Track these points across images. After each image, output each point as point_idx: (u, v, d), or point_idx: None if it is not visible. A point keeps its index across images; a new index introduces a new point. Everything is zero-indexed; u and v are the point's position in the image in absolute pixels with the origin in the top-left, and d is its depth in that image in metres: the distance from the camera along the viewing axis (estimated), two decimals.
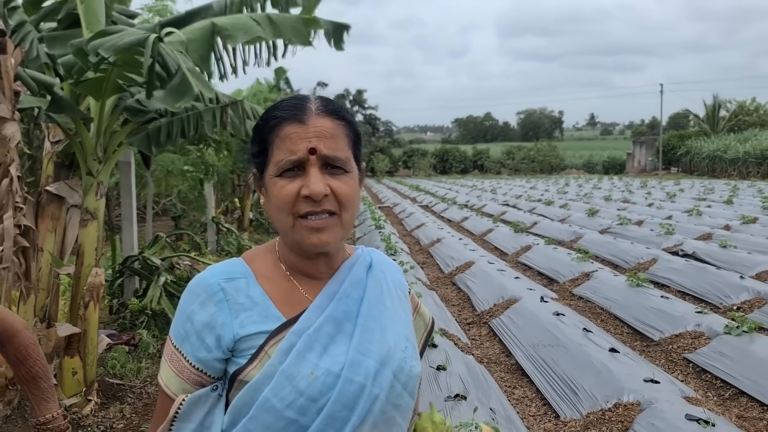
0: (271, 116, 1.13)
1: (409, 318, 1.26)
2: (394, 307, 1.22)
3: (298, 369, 1.07)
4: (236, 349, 1.11)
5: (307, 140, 1.09)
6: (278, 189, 1.10)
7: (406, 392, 1.15)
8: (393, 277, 1.27)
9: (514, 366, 5.05)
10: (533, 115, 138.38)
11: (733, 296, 6.44)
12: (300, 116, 1.10)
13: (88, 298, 3.84)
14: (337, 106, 1.16)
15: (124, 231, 6.30)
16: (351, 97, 62.11)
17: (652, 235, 10.58)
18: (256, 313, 1.12)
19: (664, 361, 5.01)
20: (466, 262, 8.69)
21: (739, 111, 45.45)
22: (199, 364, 1.11)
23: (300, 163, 1.09)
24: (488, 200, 20.74)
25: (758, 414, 3.99)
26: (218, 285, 1.13)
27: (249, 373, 1.09)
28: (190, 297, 1.14)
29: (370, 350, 1.12)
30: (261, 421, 1.07)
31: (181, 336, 1.13)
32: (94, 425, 3.76)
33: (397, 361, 1.14)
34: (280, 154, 1.10)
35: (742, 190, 22.68)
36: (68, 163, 4.29)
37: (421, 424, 1.20)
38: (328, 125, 1.11)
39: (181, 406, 1.11)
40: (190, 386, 1.13)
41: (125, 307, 5.87)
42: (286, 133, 1.10)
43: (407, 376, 1.15)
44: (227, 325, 1.10)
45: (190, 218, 12.08)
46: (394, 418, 1.13)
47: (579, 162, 52.29)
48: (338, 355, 1.10)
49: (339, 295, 1.16)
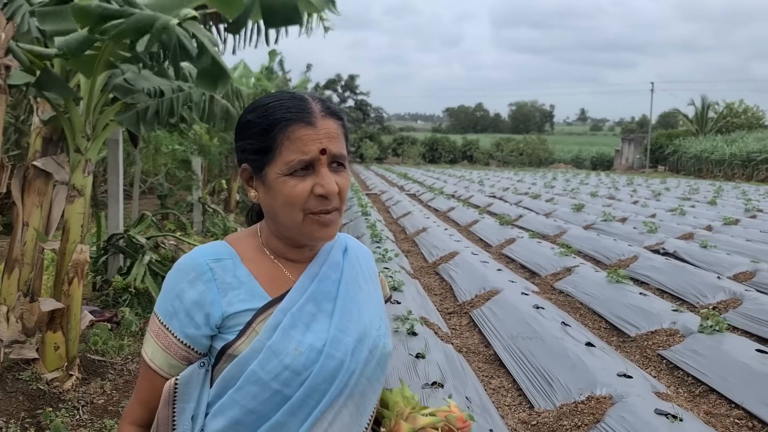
0: (278, 118, 1.17)
1: (381, 299, 1.37)
2: (368, 288, 1.32)
3: (284, 345, 1.15)
4: (224, 326, 1.18)
5: (319, 141, 1.16)
6: (290, 188, 1.16)
7: (379, 367, 1.25)
8: (366, 261, 1.38)
9: (492, 356, 5.14)
10: (524, 108, 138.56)
11: (710, 296, 6.56)
12: (308, 118, 1.17)
13: (72, 274, 3.86)
14: (336, 107, 1.24)
15: (109, 208, 6.30)
16: (343, 82, 61.82)
17: (635, 233, 10.70)
18: (243, 292, 1.20)
19: (638, 356, 5.12)
20: (450, 252, 8.76)
21: (727, 113, 45.79)
22: (187, 340, 1.18)
23: (311, 163, 1.16)
24: (475, 191, 20.82)
25: (725, 411, 4.10)
26: (207, 265, 1.20)
27: (238, 348, 1.17)
28: (179, 275, 1.20)
29: (349, 328, 1.21)
30: (247, 392, 1.14)
31: (169, 313, 1.19)
32: (75, 400, 3.79)
33: (372, 339, 1.24)
34: (290, 154, 1.16)
35: (726, 191, 22.93)
36: (56, 139, 4.28)
37: (392, 397, 1.28)
38: (333, 126, 1.19)
39: (177, 387, 1.17)
40: (176, 361, 1.19)
41: (109, 284, 5.88)
42: (297, 135, 1.16)
43: (381, 352, 1.25)
44: (216, 303, 1.17)
45: (177, 198, 12.05)
46: (367, 391, 1.22)
47: (567, 157, 52.51)
48: (320, 332, 1.19)
49: (319, 277, 1.25)
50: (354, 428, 1.20)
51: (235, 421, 1.15)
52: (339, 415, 1.18)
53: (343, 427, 1.18)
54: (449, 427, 1.24)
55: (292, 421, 1.15)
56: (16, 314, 4.05)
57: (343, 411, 1.18)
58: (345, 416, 1.19)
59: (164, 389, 1.18)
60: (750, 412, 4.00)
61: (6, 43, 3.29)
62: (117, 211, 6.18)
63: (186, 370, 1.19)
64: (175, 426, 1.17)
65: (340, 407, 1.18)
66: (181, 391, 1.17)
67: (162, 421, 1.18)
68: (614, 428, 3.45)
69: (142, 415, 1.23)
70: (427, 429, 1.22)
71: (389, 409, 1.27)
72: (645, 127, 55.62)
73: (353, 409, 1.20)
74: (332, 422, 1.17)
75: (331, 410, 1.17)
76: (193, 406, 1.18)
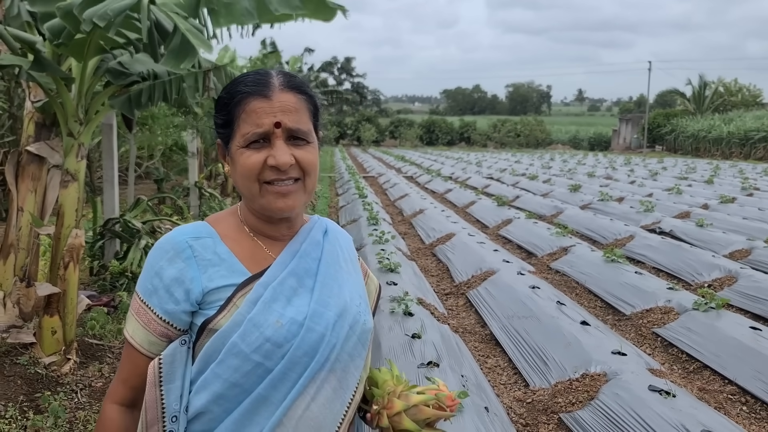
0: (236, 91, 1.19)
1: (361, 280, 1.38)
2: (347, 268, 1.34)
3: (265, 317, 1.16)
4: (204, 302, 1.19)
5: (273, 114, 1.17)
6: (245, 158, 1.18)
7: (360, 343, 1.26)
8: (346, 244, 1.39)
9: (488, 336, 5.17)
10: (521, 89, 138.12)
11: (705, 274, 6.59)
12: (265, 91, 1.18)
13: (68, 258, 3.86)
14: (299, 81, 1.24)
15: (105, 193, 6.29)
16: (339, 65, 61.48)
17: (631, 212, 10.72)
18: (223, 268, 1.21)
19: (633, 334, 5.15)
20: (447, 234, 8.78)
21: (724, 91, 45.65)
22: (166, 316, 1.19)
23: (266, 135, 1.17)
24: (473, 173, 20.80)
25: (719, 387, 4.14)
26: (186, 243, 1.21)
27: (218, 322, 1.17)
28: (159, 254, 1.21)
29: (329, 303, 1.23)
30: (229, 365, 1.15)
31: (149, 291, 1.20)
32: (73, 383, 3.81)
33: (352, 315, 1.25)
34: (246, 127, 1.17)
35: (724, 170, 22.93)
36: (49, 123, 4.26)
37: (381, 376, 1.29)
38: (291, 100, 1.19)
39: (162, 367, 1.18)
40: (156, 338, 1.20)
41: (105, 269, 5.90)
42: (252, 108, 1.17)
43: (361, 329, 1.26)
44: (196, 280, 1.18)
45: (173, 182, 12.03)
46: (349, 366, 1.24)
47: (565, 137, 52.41)
48: (301, 306, 1.20)
49: (300, 254, 1.26)
50: (337, 403, 1.22)
51: (217, 396, 1.16)
52: (321, 389, 1.19)
53: (326, 401, 1.20)
54: (439, 405, 1.25)
55: (275, 394, 1.16)
56: (13, 299, 4.07)
57: (326, 385, 1.19)
58: (328, 390, 1.20)
59: (149, 371, 1.18)
60: (743, 387, 4.04)
61: None
62: (112, 196, 6.17)
63: (168, 348, 1.19)
64: (165, 407, 1.17)
65: (322, 381, 1.19)
66: (166, 371, 1.18)
67: (150, 404, 1.18)
68: (608, 405, 3.48)
69: (124, 393, 1.24)
70: (420, 406, 1.24)
71: (379, 387, 1.28)
72: (642, 107, 55.49)
73: (336, 384, 1.21)
74: (315, 396, 1.18)
75: (313, 384, 1.18)
76: (179, 384, 1.18)
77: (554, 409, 3.72)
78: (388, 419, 1.23)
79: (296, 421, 1.17)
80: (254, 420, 1.16)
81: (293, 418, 1.17)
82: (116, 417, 1.23)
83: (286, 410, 1.16)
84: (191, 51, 3.06)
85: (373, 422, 1.26)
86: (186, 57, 3.10)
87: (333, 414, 1.21)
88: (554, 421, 3.63)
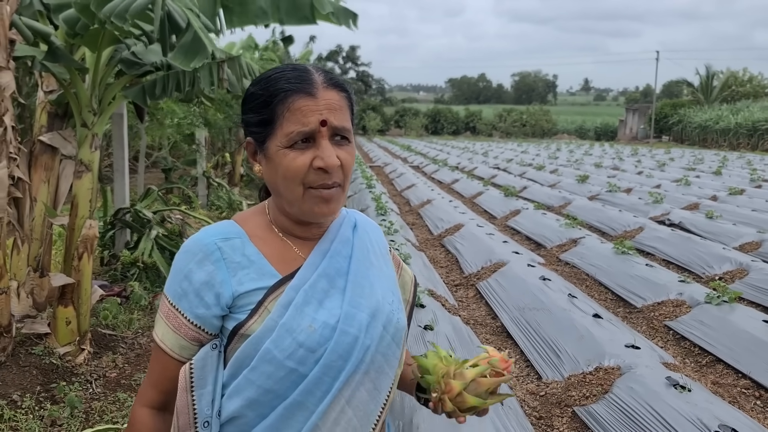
0: (278, 89, 1.15)
1: (393, 274, 1.35)
2: (379, 264, 1.30)
3: (298, 322, 1.13)
4: (234, 306, 1.16)
5: (318, 113, 1.13)
6: (289, 160, 1.13)
7: (394, 343, 1.23)
8: (376, 237, 1.35)
9: (499, 328, 5.17)
10: (527, 78, 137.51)
11: (716, 266, 6.57)
12: (309, 89, 1.14)
13: (82, 249, 3.87)
14: (340, 78, 1.20)
15: (115, 183, 6.29)
16: (344, 54, 61.27)
17: (640, 204, 10.68)
18: (253, 271, 1.17)
19: (645, 327, 5.14)
20: (455, 225, 8.76)
21: (732, 81, 45.33)
22: (197, 321, 1.16)
23: (311, 134, 1.13)
24: (479, 163, 20.75)
25: (732, 381, 4.13)
26: (215, 244, 1.17)
27: (250, 327, 1.14)
28: (187, 257, 1.18)
29: (362, 304, 1.19)
30: (262, 371, 1.13)
31: (179, 294, 1.17)
32: (87, 373, 3.83)
33: (385, 314, 1.22)
34: (290, 126, 1.13)
35: (732, 161, 22.82)
36: (61, 114, 4.26)
37: (430, 361, 1.25)
38: (335, 97, 1.16)
39: (193, 372, 1.15)
40: (187, 342, 1.17)
41: (116, 259, 5.90)
42: (297, 106, 1.13)
43: (395, 328, 1.23)
44: (226, 283, 1.15)
45: (181, 172, 12.03)
46: (383, 367, 1.21)
47: (571, 127, 52.20)
48: (333, 309, 1.17)
49: (330, 253, 1.23)
50: (372, 405, 1.19)
51: (251, 401, 1.14)
52: (356, 392, 1.16)
53: (360, 404, 1.17)
54: (495, 371, 1.22)
55: (309, 399, 1.13)
56: (27, 289, 4.08)
57: (360, 388, 1.17)
58: (362, 393, 1.17)
59: (180, 375, 1.16)
60: (757, 381, 4.03)
61: (11, 16, 3.26)
62: (123, 186, 6.17)
63: (199, 353, 1.17)
64: (196, 412, 1.15)
65: (357, 384, 1.16)
66: (197, 376, 1.15)
67: (181, 409, 1.16)
68: (623, 399, 3.47)
69: (155, 397, 1.21)
70: (477, 379, 1.21)
71: (431, 373, 1.23)
72: (649, 97, 55.22)
73: (370, 386, 1.19)
74: (350, 400, 1.16)
75: (347, 387, 1.15)
76: (210, 389, 1.16)
77: (568, 402, 3.72)
78: (451, 402, 1.20)
79: (331, 424, 1.15)
80: (289, 424, 1.14)
81: (328, 422, 1.15)
82: (147, 421, 1.21)
83: (322, 415, 1.14)
84: (202, 49, 3.04)
85: (438, 409, 1.23)
86: (197, 55, 3.07)
87: (368, 416, 1.19)
88: (568, 414, 3.63)
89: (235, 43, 10.22)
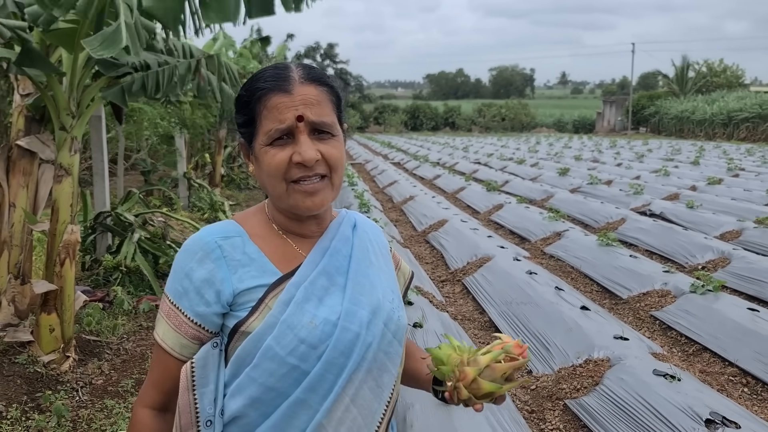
0: (255, 88, 1.17)
1: (393, 273, 1.36)
2: (378, 263, 1.31)
3: (299, 318, 1.14)
4: (235, 303, 1.16)
5: (294, 108, 1.13)
6: (270, 157, 1.15)
7: (396, 340, 1.24)
8: (375, 237, 1.36)
9: (487, 323, 5.17)
10: (505, 72, 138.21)
11: (698, 256, 6.63)
12: (284, 86, 1.14)
13: (64, 255, 3.79)
14: (319, 72, 1.20)
15: (95, 186, 6.19)
16: (322, 51, 61.00)
17: (621, 195, 10.77)
18: (253, 269, 1.18)
19: (632, 318, 5.17)
20: (440, 221, 8.76)
21: (707, 72, 45.91)
22: (197, 319, 1.16)
23: (289, 131, 1.14)
24: (460, 158, 20.79)
25: (720, 369, 4.17)
26: (215, 243, 1.18)
27: (251, 324, 1.15)
28: (187, 255, 1.18)
29: (362, 302, 1.20)
30: (264, 369, 1.13)
31: (179, 293, 1.17)
32: (73, 381, 3.76)
33: (386, 312, 1.22)
34: (268, 124, 1.14)
35: (708, 151, 23.11)
36: (39, 117, 4.17)
37: (443, 352, 1.24)
38: (312, 92, 1.16)
39: (194, 371, 1.15)
40: (187, 341, 1.17)
41: (98, 263, 5.81)
42: (273, 104, 1.14)
43: (396, 325, 1.24)
44: (226, 281, 1.16)
45: (160, 173, 11.90)
46: (386, 364, 1.21)
47: (549, 121, 52.56)
48: (334, 306, 1.18)
49: (330, 251, 1.24)
50: (376, 404, 1.19)
51: (253, 400, 1.14)
52: (360, 390, 1.17)
53: (365, 402, 1.17)
54: (509, 357, 1.21)
55: (312, 397, 1.13)
56: (8, 297, 3.99)
57: (364, 386, 1.17)
58: (366, 392, 1.17)
59: (181, 375, 1.15)
60: (744, 369, 4.07)
61: None
62: (103, 189, 6.08)
63: (200, 351, 1.16)
64: (198, 411, 1.15)
65: (360, 382, 1.16)
66: (199, 375, 1.15)
67: (183, 408, 1.15)
68: (614, 390, 3.49)
69: (156, 398, 1.21)
70: (492, 365, 1.20)
71: (445, 364, 1.22)
72: (626, 89, 55.75)
73: (373, 384, 1.19)
74: (354, 398, 1.16)
75: (351, 385, 1.15)
76: (212, 388, 1.16)
77: (559, 395, 3.73)
78: (466, 390, 1.19)
79: (336, 423, 1.15)
80: (293, 424, 1.14)
81: (333, 420, 1.15)
82: (149, 421, 1.21)
83: (326, 413, 1.14)
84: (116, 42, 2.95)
85: (454, 399, 1.22)
86: (108, 48, 2.98)
87: (372, 415, 1.19)
88: (560, 407, 3.64)
89: (214, 42, 10.11)
